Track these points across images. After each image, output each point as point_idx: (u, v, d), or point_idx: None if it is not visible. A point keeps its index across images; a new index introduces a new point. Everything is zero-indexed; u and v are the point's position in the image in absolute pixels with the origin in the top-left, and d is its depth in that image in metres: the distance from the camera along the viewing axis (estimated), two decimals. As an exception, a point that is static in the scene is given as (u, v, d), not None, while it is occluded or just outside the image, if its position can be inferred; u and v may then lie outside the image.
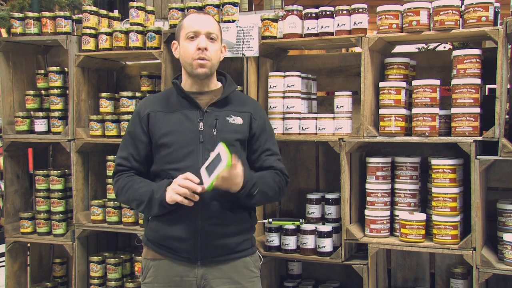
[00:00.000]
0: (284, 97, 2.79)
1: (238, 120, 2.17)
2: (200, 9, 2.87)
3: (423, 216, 2.50)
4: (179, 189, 1.94)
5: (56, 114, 3.21)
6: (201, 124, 2.11)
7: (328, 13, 2.68)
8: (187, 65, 2.14)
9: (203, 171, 1.94)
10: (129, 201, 2.13)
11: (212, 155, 1.93)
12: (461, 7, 2.45)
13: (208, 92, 2.19)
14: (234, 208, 2.12)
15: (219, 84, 2.24)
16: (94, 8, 3.19)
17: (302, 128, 2.75)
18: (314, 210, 2.83)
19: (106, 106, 3.14)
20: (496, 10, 2.42)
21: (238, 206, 2.13)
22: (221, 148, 1.90)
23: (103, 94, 3.17)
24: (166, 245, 2.11)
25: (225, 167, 1.89)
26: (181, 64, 2.19)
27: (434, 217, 2.49)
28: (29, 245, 3.51)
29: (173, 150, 2.08)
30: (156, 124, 2.13)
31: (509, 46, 2.49)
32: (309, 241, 2.71)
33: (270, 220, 2.77)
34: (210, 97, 2.18)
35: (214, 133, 2.11)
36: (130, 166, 2.16)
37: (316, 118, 2.74)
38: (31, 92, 3.35)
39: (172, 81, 2.22)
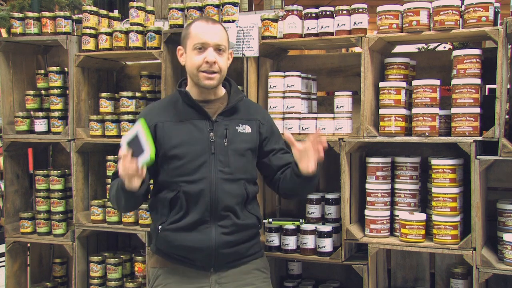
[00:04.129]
0: (284, 97, 2.79)
1: (247, 129, 2.16)
2: (200, 9, 2.87)
3: (423, 216, 2.50)
4: (123, 171, 1.89)
5: (56, 114, 3.21)
6: (211, 134, 2.09)
7: (328, 13, 2.68)
8: (193, 75, 2.12)
9: (123, 142, 1.87)
10: (115, 202, 2.11)
11: (132, 131, 1.87)
12: (461, 7, 2.44)
13: (214, 100, 2.18)
14: (246, 217, 2.13)
15: (224, 91, 2.23)
16: (94, 8, 3.19)
17: (302, 128, 2.75)
18: (314, 210, 2.83)
19: (106, 106, 3.14)
20: (496, 10, 2.42)
21: (249, 215, 2.15)
22: (139, 130, 1.83)
23: (103, 94, 3.17)
24: (180, 254, 2.10)
25: (148, 160, 1.85)
26: (187, 73, 2.17)
27: (434, 217, 2.48)
28: (29, 245, 3.51)
29: (185, 162, 2.06)
30: (165, 135, 2.09)
31: (509, 46, 2.49)
32: (309, 241, 2.71)
33: (270, 220, 2.76)
34: (217, 105, 2.17)
35: (226, 143, 2.09)
36: None
37: (316, 118, 2.74)
38: (31, 92, 3.35)
39: (178, 89, 2.18)
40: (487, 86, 2.92)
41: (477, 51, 2.41)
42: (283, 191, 2.27)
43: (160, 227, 2.11)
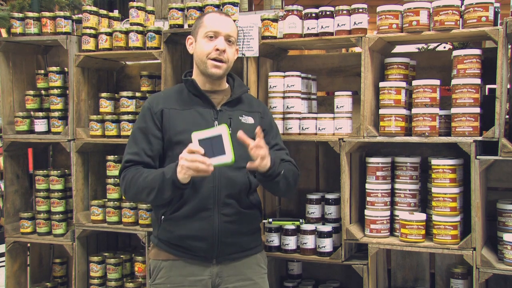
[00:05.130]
0: (284, 97, 2.79)
1: (250, 120, 2.21)
2: (200, 9, 2.87)
3: (423, 216, 2.50)
4: (190, 164, 1.87)
5: (56, 114, 3.21)
6: (216, 123, 2.12)
7: (328, 13, 2.68)
8: (201, 63, 2.16)
9: (195, 139, 1.88)
10: (139, 191, 2.04)
11: (212, 131, 1.87)
12: (461, 7, 2.44)
13: (219, 92, 2.22)
14: (248, 207, 2.14)
15: (227, 85, 2.27)
16: (94, 8, 3.19)
17: (302, 128, 2.75)
18: (314, 210, 2.83)
19: (106, 106, 3.14)
20: (496, 10, 2.42)
21: (251, 205, 2.16)
22: (224, 132, 1.84)
23: (103, 94, 3.17)
24: (182, 245, 2.11)
25: (228, 163, 1.87)
26: (194, 61, 2.20)
27: (434, 217, 2.48)
28: (29, 245, 3.51)
29: None
30: (171, 121, 2.12)
31: (509, 46, 2.49)
32: (309, 241, 2.71)
33: (270, 220, 2.77)
34: (221, 96, 2.21)
35: (230, 132, 2.11)
36: (141, 161, 2.10)
37: (316, 118, 2.74)
38: (31, 92, 3.35)
39: (184, 78, 2.21)
40: (487, 86, 2.92)
41: (477, 51, 2.41)
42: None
43: (163, 217, 2.12)
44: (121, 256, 3.31)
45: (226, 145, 1.86)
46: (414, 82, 2.50)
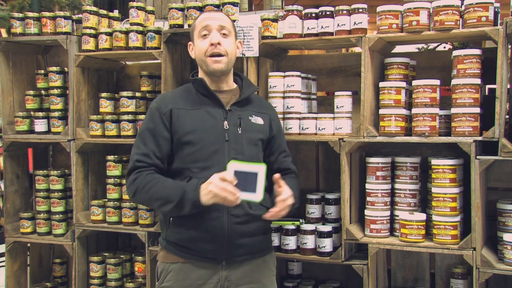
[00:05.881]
0: (284, 97, 2.79)
1: (259, 120, 2.20)
2: (200, 9, 2.87)
3: (423, 216, 2.50)
4: (220, 192, 1.88)
5: (56, 114, 3.21)
6: (225, 122, 2.10)
7: (328, 13, 2.68)
8: (202, 63, 2.15)
9: (231, 169, 1.89)
10: (151, 200, 2.03)
11: (250, 167, 1.90)
12: (461, 7, 2.45)
13: (227, 91, 2.20)
14: (257, 208, 2.13)
15: (235, 85, 2.25)
16: (94, 8, 3.19)
17: (302, 128, 2.75)
18: (314, 210, 2.83)
19: (106, 106, 3.14)
20: (496, 10, 2.42)
21: (260, 206, 2.15)
22: (261, 172, 1.88)
23: (103, 94, 3.17)
24: (191, 246, 2.09)
25: (255, 202, 1.92)
26: (198, 64, 2.19)
27: (434, 217, 2.49)
28: (29, 245, 3.51)
29: (198, 148, 2.06)
30: (180, 121, 2.10)
31: (509, 46, 2.49)
32: (309, 241, 2.71)
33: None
34: (229, 96, 2.19)
35: (239, 132, 2.11)
36: (151, 163, 2.08)
37: (316, 118, 2.74)
38: (31, 92, 3.35)
39: (192, 78, 2.20)
40: (487, 86, 2.92)
41: (477, 51, 2.41)
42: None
43: (171, 218, 2.10)
44: (121, 256, 3.31)
45: (260, 184, 1.87)
46: (414, 82, 2.50)
